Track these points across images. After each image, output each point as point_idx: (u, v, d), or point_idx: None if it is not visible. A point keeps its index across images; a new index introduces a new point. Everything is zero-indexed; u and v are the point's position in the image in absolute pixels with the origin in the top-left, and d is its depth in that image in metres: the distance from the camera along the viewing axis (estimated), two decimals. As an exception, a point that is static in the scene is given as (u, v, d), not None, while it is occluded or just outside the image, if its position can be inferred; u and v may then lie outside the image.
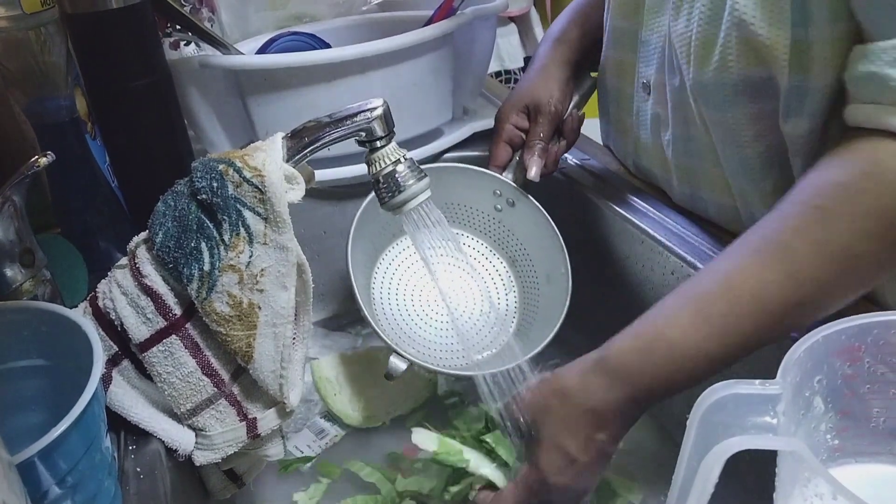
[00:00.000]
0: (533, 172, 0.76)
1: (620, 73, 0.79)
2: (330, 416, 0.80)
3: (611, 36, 0.78)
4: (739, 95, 0.61)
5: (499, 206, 0.82)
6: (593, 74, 0.85)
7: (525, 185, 0.78)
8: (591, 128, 0.90)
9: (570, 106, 0.81)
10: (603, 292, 0.79)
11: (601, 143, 0.93)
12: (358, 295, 0.71)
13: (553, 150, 0.79)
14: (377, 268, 0.81)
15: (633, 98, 0.77)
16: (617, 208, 0.78)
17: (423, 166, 0.57)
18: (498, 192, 0.80)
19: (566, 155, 0.89)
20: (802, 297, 0.50)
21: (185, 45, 0.96)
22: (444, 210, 0.80)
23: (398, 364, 0.68)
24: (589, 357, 0.55)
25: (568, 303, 0.73)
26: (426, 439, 0.63)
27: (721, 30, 0.59)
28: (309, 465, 0.75)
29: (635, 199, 0.78)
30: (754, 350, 0.52)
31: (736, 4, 0.57)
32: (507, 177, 0.79)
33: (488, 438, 0.62)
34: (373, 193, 0.69)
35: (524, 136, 0.79)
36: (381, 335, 0.69)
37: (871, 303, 0.61)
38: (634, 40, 0.74)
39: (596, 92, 0.86)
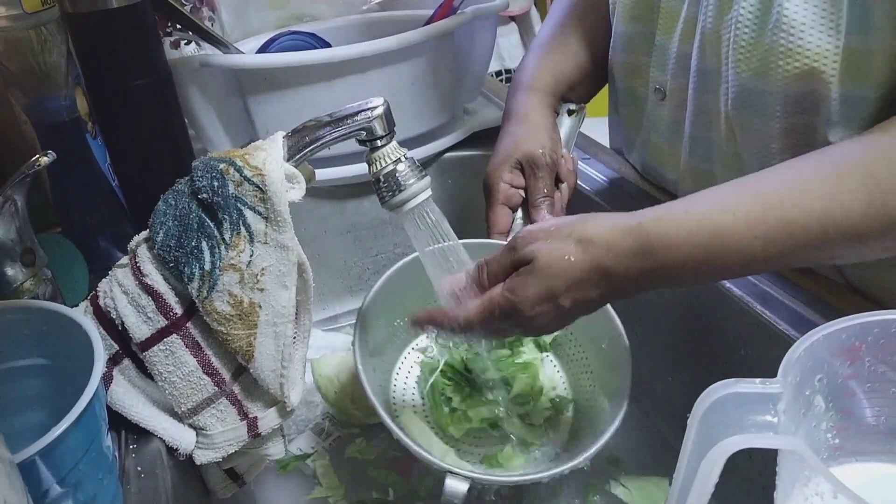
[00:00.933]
0: None
1: (632, 75, 0.78)
2: (331, 415, 0.80)
3: (620, 40, 0.77)
4: (776, 106, 0.59)
5: None
6: (570, 115, 0.81)
7: None
8: (594, 128, 0.90)
9: (562, 149, 0.77)
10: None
11: (605, 145, 0.92)
12: (391, 424, 0.60)
13: (557, 197, 0.74)
14: (393, 385, 0.73)
15: (647, 100, 0.77)
16: (618, 208, 0.78)
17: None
18: None
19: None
20: (869, 228, 0.47)
21: (186, 44, 0.97)
22: None
23: (458, 486, 0.55)
24: (623, 217, 0.52)
25: (630, 360, 0.64)
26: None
27: (766, 35, 0.57)
28: (309, 461, 0.74)
29: (643, 203, 0.78)
30: (790, 266, 0.49)
31: (784, 10, 0.55)
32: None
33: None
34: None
35: (522, 194, 0.73)
36: (434, 460, 0.57)
37: (870, 302, 0.61)
38: (648, 43, 0.73)
39: (607, 91, 0.85)
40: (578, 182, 0.84)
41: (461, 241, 0.60)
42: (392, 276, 0.68)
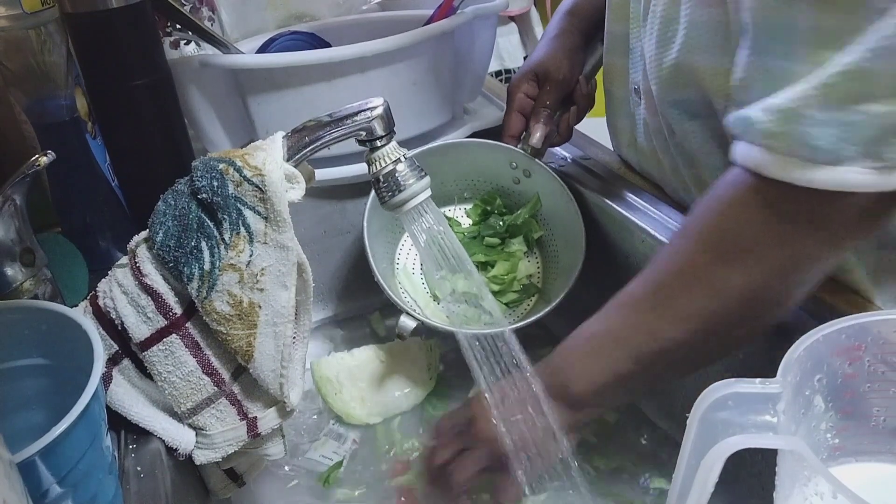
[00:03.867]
0: (536, 138, 0.77)
1: (613, 78, 0.79)
2: (336, 417, 0.80)
3: (607, 39, 0.79)
4: (694, 112, 0.64)
5: (517, 179, 0.83)
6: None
7: (537, 154, 0.79)
8: (592, 127, 0.90)
9: (581, 74, 0.81)
10: (603, 291, 0.79)
11: (600, 143, 0.93)
12: (373, 264, 0.76)
13: (564, 117, 0.79)
14: (402, 241, 0.86)
15: (627, 102, 0.78)
16: (616, 207, 0.78)
17: (440, 142, 0.59)
18: (514, 164, 0.82)
19: (566, 154, 0.89)
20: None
21: (186, 44, 0.97)
22: (466, 186, 0.86)
23: (408, 322, 0.73)
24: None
25: (581, 263, 0.75)
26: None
27: (675, 52, 0.62)
28: (342, 470, 0.74)
29: (635, 197, 0.78)
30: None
31: (689, 31, 0.59)
32: (521, 147, 0.79)
33: None
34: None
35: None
36: (396, 299, 0.74)
37: (870, 302, 0.61)
38: (625, 45, 0.74)
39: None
40: (579, 181, 0.84)
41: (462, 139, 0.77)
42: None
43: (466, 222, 0.87)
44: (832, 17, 0.43)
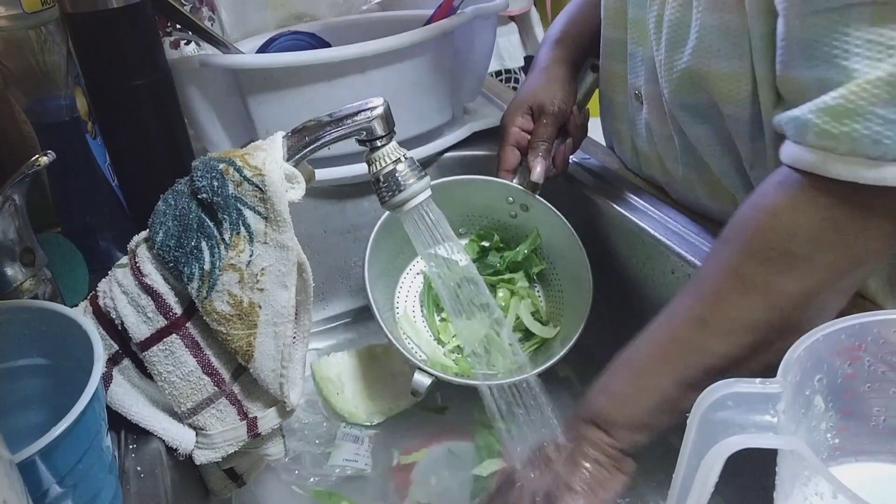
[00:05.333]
0: (537, 173, 0.75)
1: (611, 84, 0.79)
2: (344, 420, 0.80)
3: (603, 46, 0.79)
4: (709, 116, 0.63)
5: (513, 213, 0.81)
6: (593, 72, 0.85)
7: (535, 189, 0.77)
8: (594, 128, 0.90)
9: (574, 104, 0.81)
10: (604, 292, 0.79)
11: (601, 143, 0.93)
12: (378, 314, 0.71)
13: (560, 149, 0.78)
14: (400, 285, 0.82)
15: (627, 107, 0.78)
16: (617, 207, 0.78)
17: (433, 183, 0.58)
18: (510, 199, 0.79)
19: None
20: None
21: (186, 44, 0.97)
22: (462, 223, 0.83)
23: (423, 380, 0.68)
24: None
25: (591, 301, 0.73)
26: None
27: (688, 57, 0.61)
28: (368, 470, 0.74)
29: (636, 198, 0.78)
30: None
31: (703, 36, 0.59)
32: (517, 182, 0.78)
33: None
34: (382, 219, 0.73)
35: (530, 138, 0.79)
36: (405, 353, 0.70)
37: (870, 302, 0.61)
38: (623, 51, 0.74)
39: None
40: (577, 179, 0.84)
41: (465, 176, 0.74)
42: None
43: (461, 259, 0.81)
44: (887, 28, 0.44)
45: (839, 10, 0.46)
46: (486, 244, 0.83)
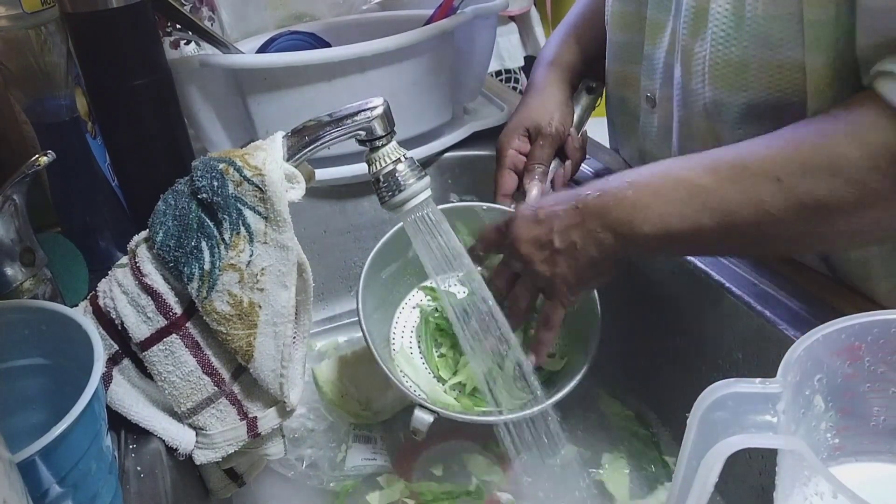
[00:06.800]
0: (532, 196, 0.73)
1: (624, 85, 0.78)
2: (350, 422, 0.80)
3: (612, 49, 0.78)
4: (753, 115, 0.60)
5: None
6: (589, 94, 0.83)
7: None
8: (594, 128, 0.90)
9: (572, 126, 0.79)
10: (604, 293, 0.79)
11: (605, 145, 0.93)
12: (376, 353, 0.67)
13: (559, 172, 0.77)
14: (395, 319, 0.77)
15: (639, 108, 0.77)
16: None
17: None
18: None
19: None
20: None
21: (186, 44, 0.97)
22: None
23: (424, 417, 0.64)
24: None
25: (599, 333, 0.69)
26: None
27: (740, 50, 0.58)
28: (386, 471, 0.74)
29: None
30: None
31: (758, 27, 0.56)
32: (514, 207, 0.73)
33: None
34: (372, 253, 0.70)
35: None
36: (406, 391, 0.66)
37: (870, 301, 0.61)
38: (637, 54, 0.73)
39: (603, 100, 0.86)
40: (578, 181, 0.84)
41: (465, 203, 0.69)
42: (389, 239, 0.72)
43: (462, 291, 0.72)
44: None
45: None
46: (483, 273, 0.74)
